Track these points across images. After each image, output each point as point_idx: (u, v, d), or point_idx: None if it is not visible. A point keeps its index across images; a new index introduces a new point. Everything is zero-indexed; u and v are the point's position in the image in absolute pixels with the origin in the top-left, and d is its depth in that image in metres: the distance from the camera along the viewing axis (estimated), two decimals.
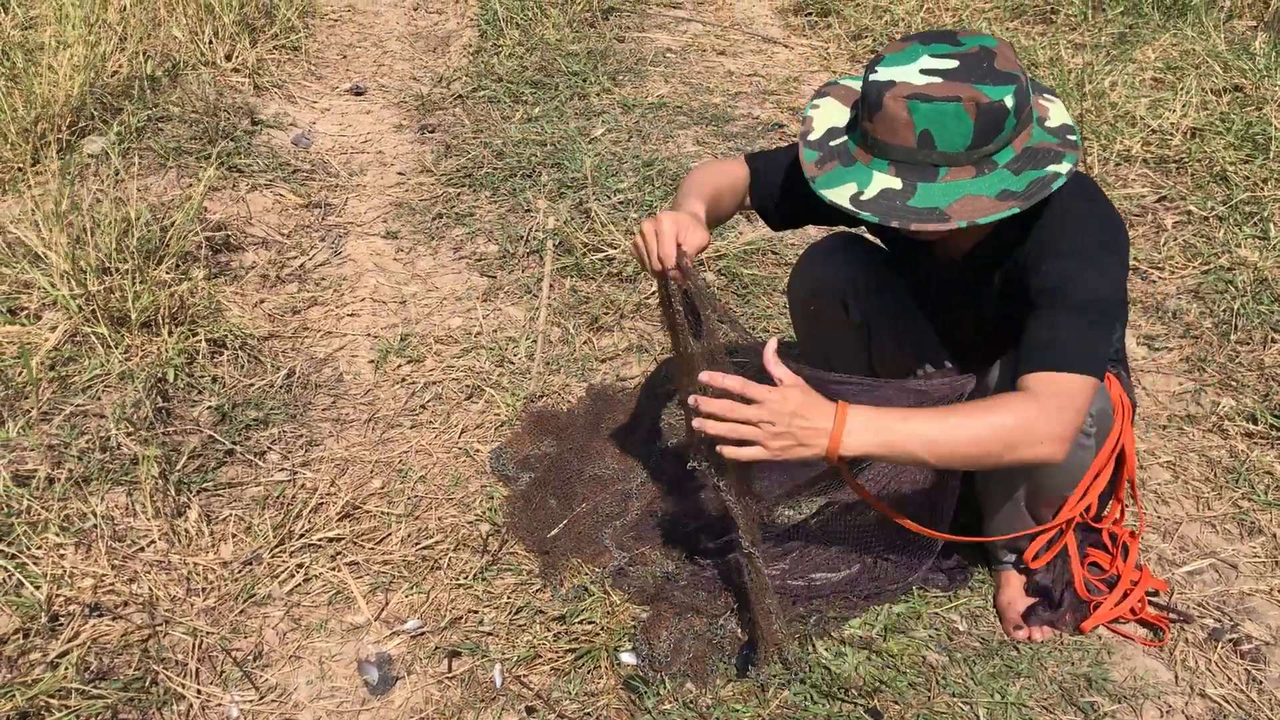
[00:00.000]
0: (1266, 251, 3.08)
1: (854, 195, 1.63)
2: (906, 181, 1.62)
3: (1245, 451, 2.48)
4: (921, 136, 1.59)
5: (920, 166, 1.62)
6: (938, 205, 1.60)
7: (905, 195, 1.61)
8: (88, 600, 2.00)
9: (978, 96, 1.57)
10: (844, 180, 1.65)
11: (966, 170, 1.61)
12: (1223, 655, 2.01)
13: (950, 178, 1.61)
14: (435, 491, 2.37)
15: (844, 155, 1.69)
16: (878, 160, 1.64)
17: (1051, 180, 1.61)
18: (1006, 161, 1.63)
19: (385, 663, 1.97)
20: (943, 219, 1.58)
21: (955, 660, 1.99)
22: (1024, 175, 1.61)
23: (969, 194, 1.60)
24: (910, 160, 1.62)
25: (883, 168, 1.64)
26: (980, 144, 1.59)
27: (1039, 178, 1.61)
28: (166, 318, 2.67)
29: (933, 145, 1.59)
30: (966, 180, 1.61)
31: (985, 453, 1.61)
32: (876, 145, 1.64)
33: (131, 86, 3.77)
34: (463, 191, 3.56)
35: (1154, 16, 4.83)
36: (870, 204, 1.62)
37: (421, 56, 4.71)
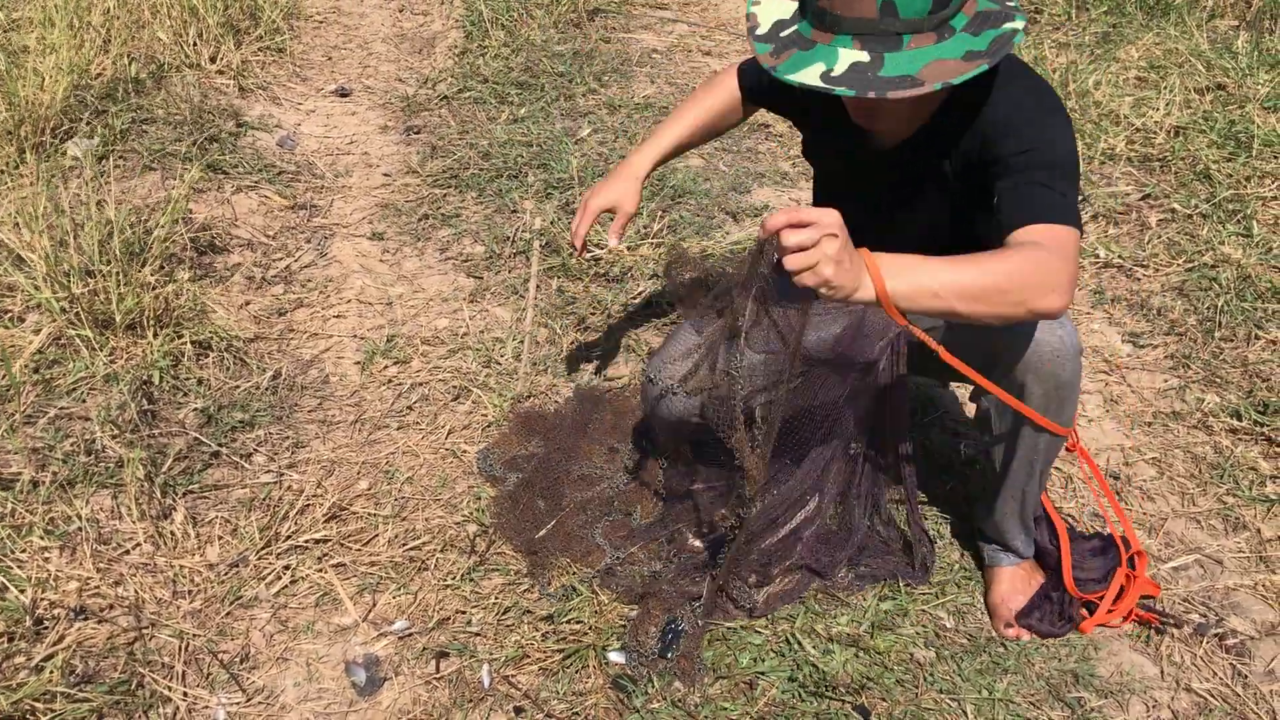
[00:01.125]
0: (1250, 249, 3.10)
1: (824, 73, 1.62)
2: (873, 54, 1.61)
3: (1229, 447, 2.49)
4: (884, 5, 1.58)
5: (883, 37, 1.61)
6: (908, 72, 1.59)
7: (874, 67, 1.61)
8: (73, 603, 1.99)
9: None
10: (809, 62, 1.65)
11: (928, 37, 1.61)
12: (1208, 650, 2.02)
13: (914, 45, 1.61)
14: (422, 492, 2.36)
15: (800, 41, 1.68)
16: (840, 37, 1.63)
17: (1011, 36, 1.62)
18: (963, 26, 1.64)
19: (373, 664, 1.96)
20: (916, 84, 1.58)
21: (943, 657, 2.00)
22: (984, 35, 1.63)
23: (935, 58, 1.60)
24: (873, 31, 1.61)
25: (847, 43, 1.63)
26: (939, 8, 1.60)
27: (999, 35, 1.62)
28: (151, 320, 2.66)
29: (895, 13, 1.59)
30: (930, 46, 1.61)
31: (1005, 298, 1.54)
32: (837, 21, 1.63)
33: (116, 89, 3.75)
34: (449, 192, 3.56)
35: (1137, 16, 4.85)
36: (842, 79, 1.61)
37: (407, 58, 4.70)
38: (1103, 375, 2.77)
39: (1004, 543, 2.10)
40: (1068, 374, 1.82)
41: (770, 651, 1.99)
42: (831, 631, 2.03)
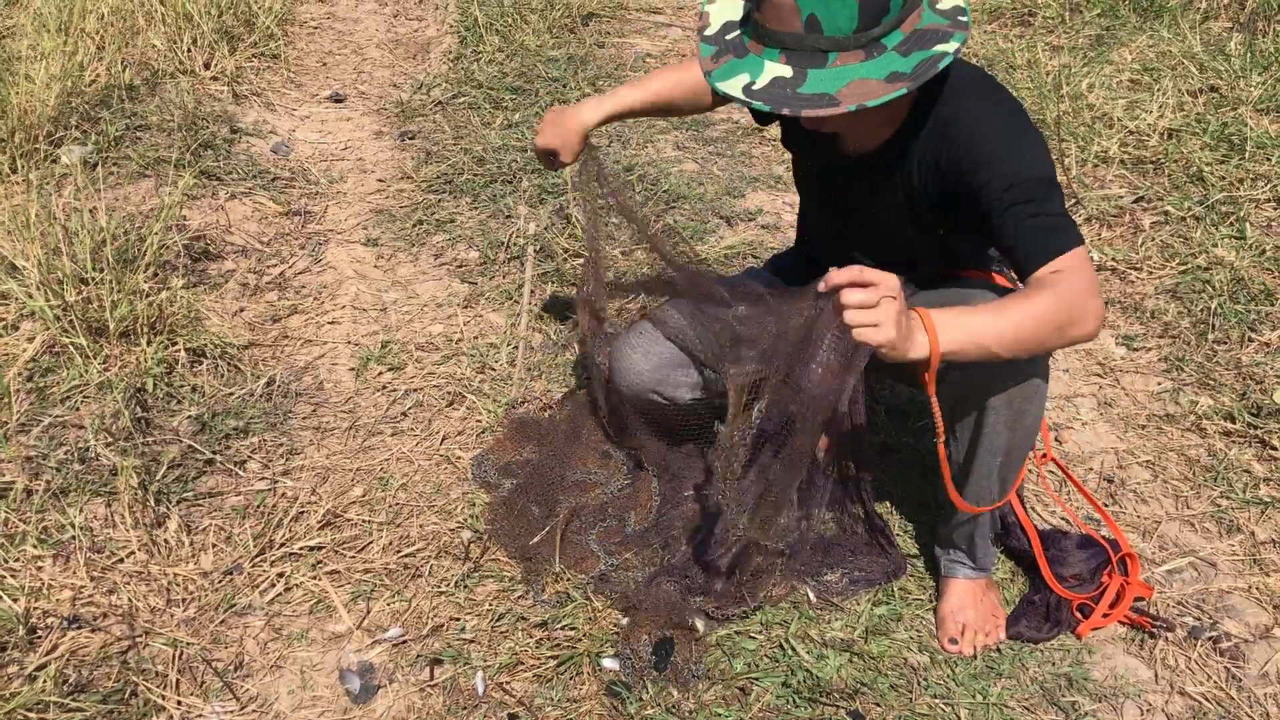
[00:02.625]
0: (1243, 251, 3.10)
1: (746, 85, 1.64)
2: (797, 69, 1.62)
3: (1223, 450, 2.49)
4: (808, 21, 1.58)
5: (809, 53, 1.61)
6: (827, 90, 1.59)
7: (795, 83, 1.61)
8: (66, 612, 1.99)
9: None
10: (737, 71, 1.66)
11: (855, 55, 1.61)
12: (1202, 653, 2.02)
13: (839, 63, 1.61)
14: (416, 499, 2.36)
15: (738, 47, 1.70)
16: (769, 50, 1.64)
17: (939, 60, 1.60)
18: (895, 44, 1.62)
19: (367, 671, 1.96)
20: (832, 103, 1.58)
21: (936, 661, 2.00)
22: (912, 56, 1.61)
23: (858, 78, 1.60)
24: (799, 47, 1.61)
25: (774, 56, 1.64)
26: (867, 26, 1.59)
27: (926, 58, 1.61)
28: (145, 327, 2.65)
29: (820, 29, 1.59)
30: (855, 65, 1.61)
31: (1046, 334, 1.62)
32: (766, 34, 1.64)
33: (110, 95, 3.75)
34: (443, 198, 3.56)
35: (1130, 18, 4.86)
36: (761, 93, 1.62)
37: (401, 63, 4.70)
38: (1096, 378, 2.77)
39: (963, 550, 2.08)
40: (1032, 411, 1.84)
41: (764, 657, 1.99)
42: (825, 636, 2.03)
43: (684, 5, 5.40)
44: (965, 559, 2.08)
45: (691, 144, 3.94)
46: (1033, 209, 1.67)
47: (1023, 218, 1.67)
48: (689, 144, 3.94)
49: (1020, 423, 1.86)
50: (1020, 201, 1.67)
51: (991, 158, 1.70)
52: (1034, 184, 1.68)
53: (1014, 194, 1.68)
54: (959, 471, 1.97)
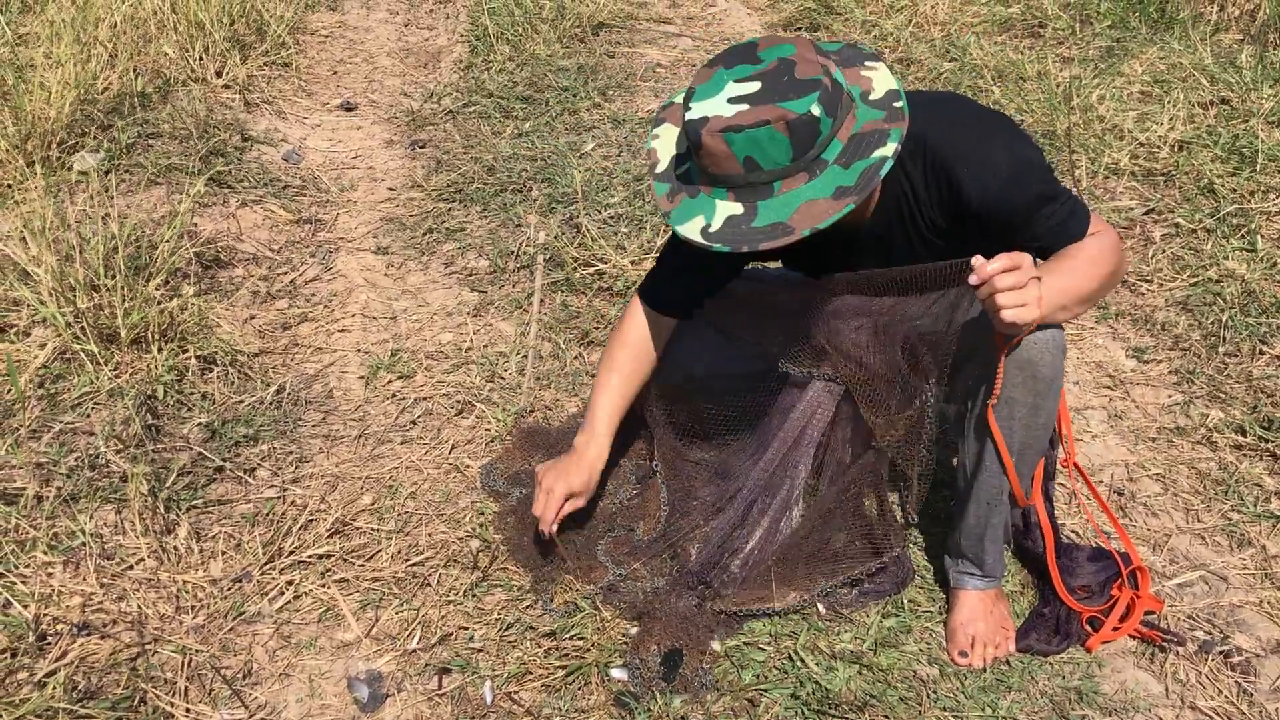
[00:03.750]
0: (1254, 264, 3.10)
1: (703, 229, 1.68)
2: (747, 204, 1.66)
3: (1234, 463, 2.49)
4: (746, 162, 1.63)
5: (754, 187, 1.66)
6: (779, 219, 1.63)
7: (748, 218, 1.65)
8: (76, 619, 1.99)
9: (785, 115, 1.61)
10: (693, 214, 1.70)
11: (799, 178, 1.65)
12: (1213, 668, 2.01)
13: (786, 189, 1.65)
14: (425, 508, 2.36)
15: (689, 186, 1.73)
16: (717, 189, 1.69)
17: (880, 166, 1.64)
18: (835, 156, 1.66)
19: (375, 680, 1.96)
20: (787, 232, 1.62)
21: (946, 674, 1.99)
22: (854, 167, 1.65)
23: (805, 200, 1.64)
24: (743, 184, 1.66)
25: (722, 195, 1.68)
26: (802, 154, 1.63)
27: (867, 166, 1.65)
28: (156, 334, 2.66)
29: (759, 167, 1.64)
30: (802, 187, 1.65)
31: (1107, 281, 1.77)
32: (709, 177, 1.69)
33: (122, 103, 3.77)
34: (453, 207, 3.57)
35: (1141, 30, 4.86)
36: (718, 235, 1.66)
37: (412, 72, 4.72)
38: (1107, 390, 2.76)
39: (973, 559, 2.07)
40: (1046, 370, 1.82)
41: (773, 669, 1.99)
42: (835, 648, 2.02)
43: (693, 16, 5.41)
44: (975, 569, 2.07)
45: None
46: (1050, 208, 1.77)
47: (1046, 219, 1.77)
48: None
49: (1034, 420, 1.87)
50: (1039, 208, 1.76)
51: (998, 186, 1.75)
52: (1040, 184, 1.77)
53: (1031, 205, 1.76)
54: (972, 468, 1.97)
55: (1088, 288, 1.75)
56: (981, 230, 1.81)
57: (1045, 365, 1.81)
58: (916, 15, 4.98)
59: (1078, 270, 1.75)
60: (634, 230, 3.36)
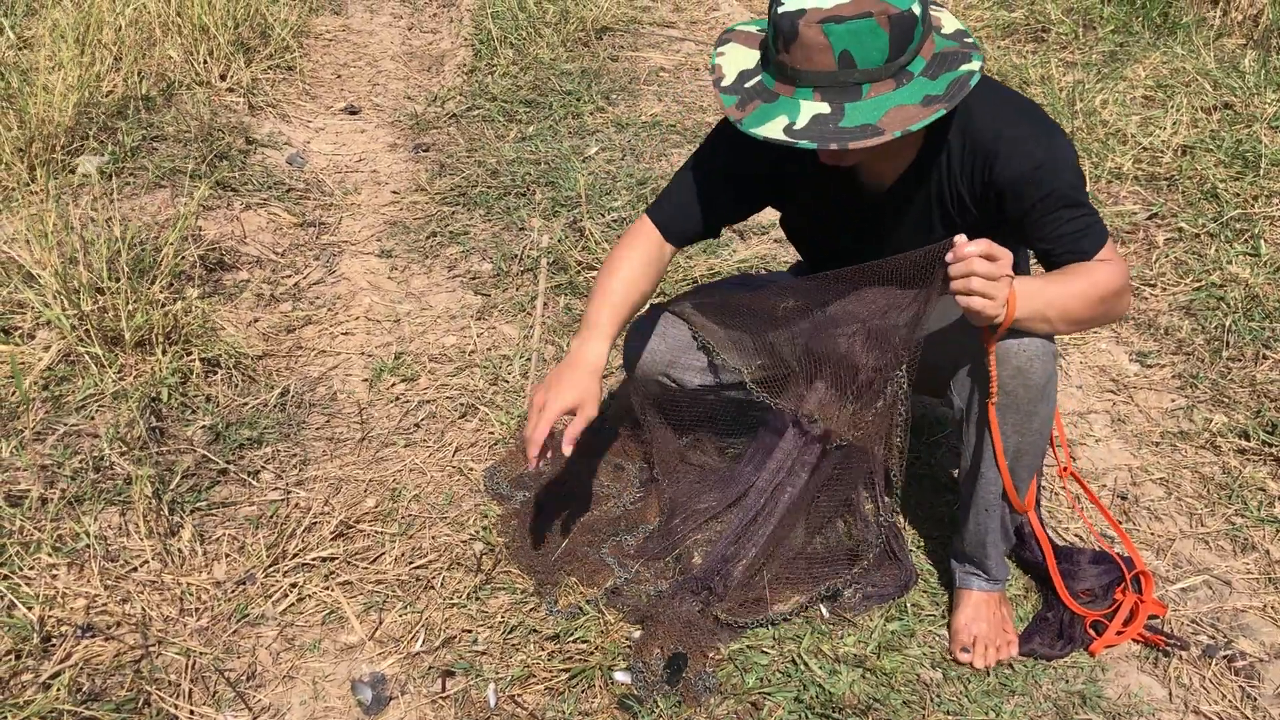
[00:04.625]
0: (1257, 268, 3.10)
1: (787, 126, 1.65)
2: (834, 105, 1.64)
3: (1238, 468, 2.49)
4: (841, 57, 1.61)
5: (843, 87, 1.64)
6: (869, 121, 1.62)
7: (835, 118, 1.63)
8: (80, 621, 2.00)
9: (887, 9, 1.60)
10: (772, 115, 1.67)
11: (887, 84, 1.64)
12: (1217, 672, 2.01)
13: (874, 93, 1.64)
14: (429, 510, 2.37)
15: (764, 93, 1.70)
16: (801, 89, 1.66)
17: (968, 79, 1.65)
18: (920, 70, 1.67)
19: (379, 682, 1.96)
20: (877, 133, 1.61)
21: (949, 678, 1.99)
22: (941, 78, 1.66)
23: (895, 105, 1.63)
24: (833, 83, 1.64)
25: (807, 95, 1.65)
26: (896, 55, 1.63)
27: (956, 78, 1.65)
28: (160, 337, 2.67)
29: (853, 64, 1.62)
30: (889, 93, 1.64)
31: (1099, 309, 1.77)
32: (797, 75, 1.65)
33: (126, 106, 3.78)
34: (457, 210, 3.57)
35: (1144, 35, 4.86)
36: (804, 132, 1.64)
37: (416, 76, 4.72)
38: (1110, 395, 2.76)
39: (976, 562, 2.07)
40: (1037, 377, 1.82)
41: (777, 672, 1.99)
42: (838, 652, 2.02)
43: (697, 20, 5.42)
44: (979, 571, 2.07)
45: None
46: (1070, 213, 1.76)
47: (1062, 222, 1.76)
48: None
49: (1028, 426, 1.87)
50: (1060, 206, 1.76)
51: (1030, 167, 1.75)
52: (1069, 187, 1.76)
53: (1054, 200, 1.76)
54: (971, 475, 1.98)
55: (1076, 309, 1.75)
56: (998, 215, 1.81)
57: (1036, 372, 1.82)
58: None
59: (1071, 288, 1.74)
60: None
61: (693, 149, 3.98)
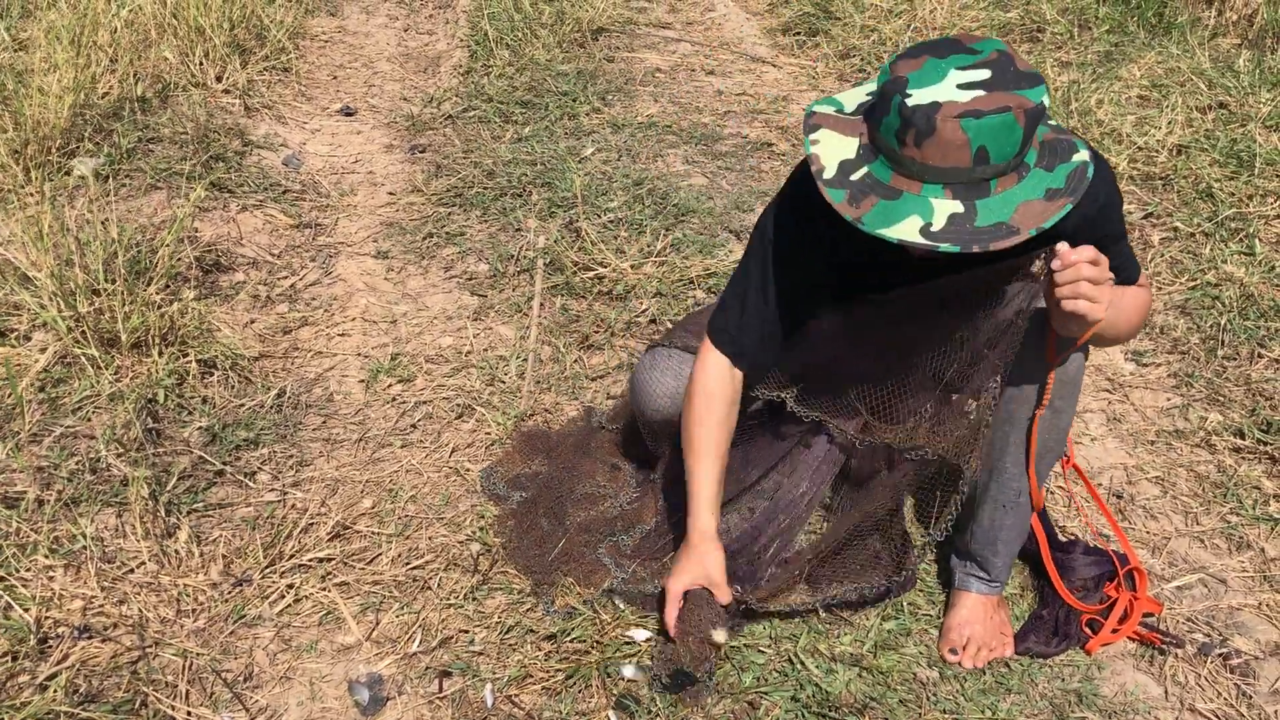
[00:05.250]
0: (1252, 267, 3.10)
1: (923, 228, 1.54)
2: (966, 203, 1.55)
3: (1233, 466, 2.49)
4: (978, 154, 1.51)
5: (974, 184, 1.55)
6: (1002, 220, 1.54)
7: (970, 217, 1.54)
8: (77, 622, 2.00)
9: (1024, 103, 1.51)
10: (901, 215, 1.56)
11: (1010, 179, 1.56)
12: (1212, 670, 2.02)
13: (1000, 189, 1.55)
14: (426, 511, 2.37)
15: (880, 188, 1.58)
16: (929, 185, 1.55)
17: (1084, 170, 1.57)
18: (1036, 161, 1.59)
19: (376, 683, 1.96)
20: (1013, 232, 1.53)
21: (946, 677, 2.00)
22: (1057, 170, 1.58)
23: (1023, 200, 1.55)
24: (965, 180, 1.54)
25: (938, 193, 1.55)
26: (1024, 149, 1.55)
27: (1072, 170, 1.57)
28: (156, 338, 2.67)
29: (988, 160, 1.52)
30: (1014, 188, 1.56)
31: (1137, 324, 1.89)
32: (927, 170, 1.54)
33: (122, 108, 3.78)
34: (453, 211, 3.57)
35: (1139, 35, 4.87)
36: (944, 235, 1.53)
37: (412, 77, 4.72)
38: (1106, 393, 2.77)
39: (981, 561, 2.06)
40: (1071, 371, 1.83)
41: (773, 671, 1.99)
42: (835, 651, 2.03)
43: (693, 21, 5.42)
44: (981, 572, 2.07)
45: (701, 158, 3.96)
46: (1119, 247, 1.82)
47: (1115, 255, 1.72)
48: (698, 158, 3.96)
49: (1056, 424, 1.88)
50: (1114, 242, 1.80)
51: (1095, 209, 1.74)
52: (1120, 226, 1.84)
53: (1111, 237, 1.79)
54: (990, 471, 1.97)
55: (1125, 321, 1.82)
56: None
57: (1071, 369, 1.83)
58: (915, 20, 4.99)
59: (1125, 303, 1.80)
60: (633, 234, 3.37)
61: (688, 149, 4.01)
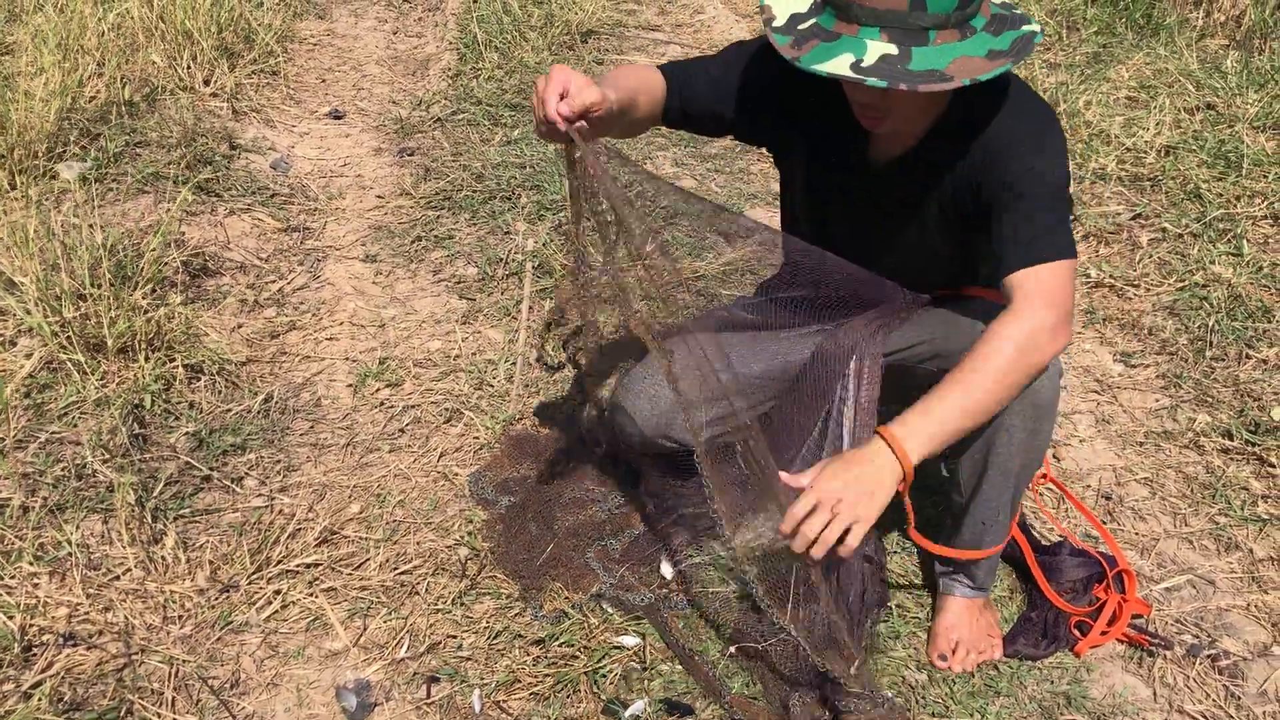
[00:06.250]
0: (1240, 268, 3.11)
1: (854, 63, 1.60)
2: (901, 47, 1.61)
3: (1221, 467, 2.49)
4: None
5: (911, 31, 1.60)
6: (936, 67, 1.60)
7: (903, 60, 1.60)
8: (62, 630, 1.99)
9: None
10: (836, 53, 1.62)
11: (952, 34, 1.61)
12: (1201, 672, 2.02)
13: (940, 41, 1.61)
14: (414, 516, 2.36)
15: (822, 33, 1.65)
16: (866, 28, 1.61)
17: (1030, 37, 1.64)
18: (983, 26, 1.65)
19: (363, 689, 1.96)
20: (945, 79, 1.59)
21: (934, 680, 2.00)
22: (1004, 35, 1.64)
23: (962, 55, 1.61)
24: (901, 25, 1.60)
25: (874, 35, 1.61)
26: (964, 5, 1.60)
27: (1019, 35, 1.64)
28: (143, 344, 2.65)
29: (924, 7, 1.58)
30: (955, 43, 1.62)
31: (1012, 386, 1.66)
32: (864, 13, 1.61)
33: (109, 112, 3.76)
34: (442, 214, 3.56)
35: (1127, 36, 4.88)
36: (872, 70, 1.60)
37: (400, 80, 4.71)
38: (1094, 395, 2.77)
39: (964, 568, 2.06)
40: (1045, 396, 1.81)
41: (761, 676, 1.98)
42: None
43: (682, 23, 5.42)
44: (965, 579, 2.07)
45: (690, 160, 3.95)
46: (1036, 211, 1.70)
47: (1019, 216, 1.70)
48: (687, 160, 3.95)
49: (1033, 443, 1.86)
50: (1020, 201, 1.70)
51: (1006, 158, 1.73)
52: (1039, 191, 1.71)
53: (1014, 194, 1.71)
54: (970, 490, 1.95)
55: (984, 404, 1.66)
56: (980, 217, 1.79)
57: (1045, 391, 1.80)
58: None
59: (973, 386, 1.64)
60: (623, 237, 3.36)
61: (677, 151, 4.01)
